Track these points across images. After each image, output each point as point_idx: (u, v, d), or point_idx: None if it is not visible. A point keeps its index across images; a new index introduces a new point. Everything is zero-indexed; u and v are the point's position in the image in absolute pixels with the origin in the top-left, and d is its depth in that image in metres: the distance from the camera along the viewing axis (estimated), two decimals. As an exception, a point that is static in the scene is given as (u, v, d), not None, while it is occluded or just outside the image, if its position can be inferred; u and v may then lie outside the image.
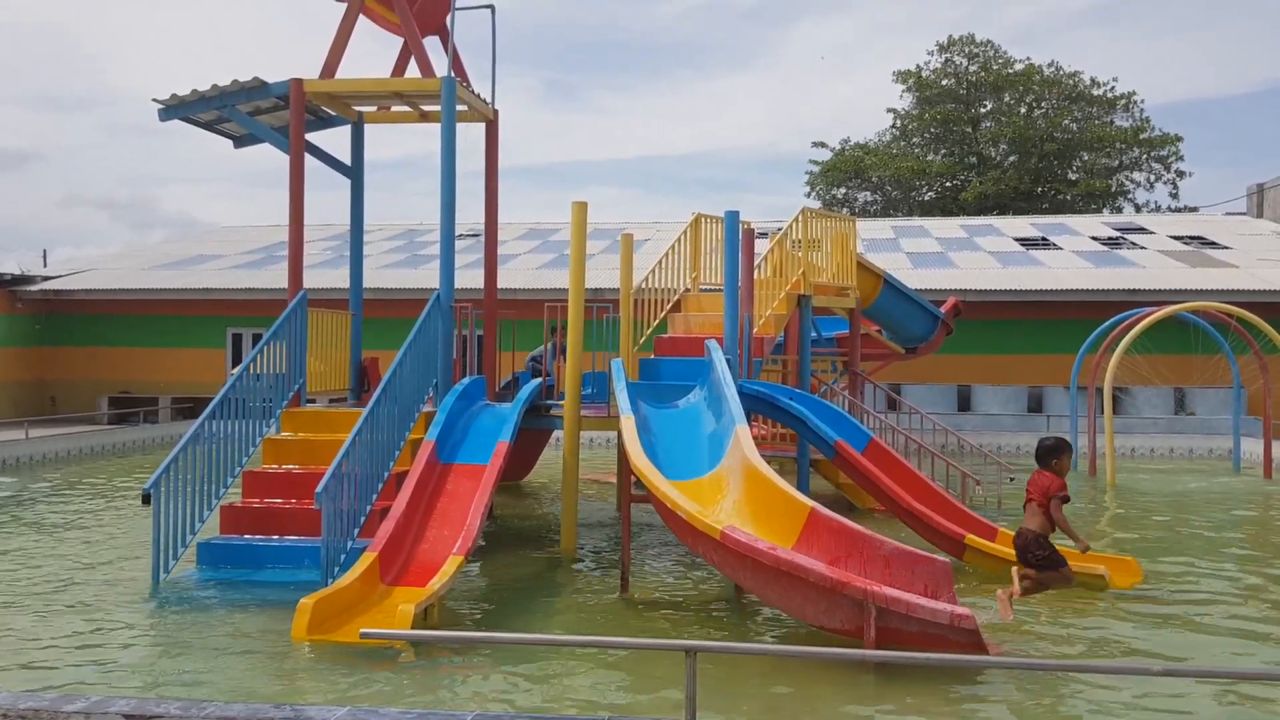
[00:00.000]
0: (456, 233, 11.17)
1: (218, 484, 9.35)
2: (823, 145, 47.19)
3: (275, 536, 9.22)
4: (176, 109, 11.30)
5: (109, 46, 74.60)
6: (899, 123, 46.93)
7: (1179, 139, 42.86)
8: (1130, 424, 20.76)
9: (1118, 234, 29.10)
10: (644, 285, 13.01)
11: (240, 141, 12.39)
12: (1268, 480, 16.09)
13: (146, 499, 8.66)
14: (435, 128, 10.95)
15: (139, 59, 75.47)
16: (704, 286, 13.75)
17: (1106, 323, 17.70)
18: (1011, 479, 14.25)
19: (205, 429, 9.25)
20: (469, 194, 71.43)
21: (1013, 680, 6.19)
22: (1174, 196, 43.92)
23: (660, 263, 13.31)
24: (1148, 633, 7.50)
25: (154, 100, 11.26)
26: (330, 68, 11.27)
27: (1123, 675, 6.18)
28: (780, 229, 13.54)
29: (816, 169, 46.63)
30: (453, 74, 11.00)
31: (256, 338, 22.02)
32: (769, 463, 8.34)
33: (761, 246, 13.60)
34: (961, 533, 9.69)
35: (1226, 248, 26.47)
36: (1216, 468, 18.08)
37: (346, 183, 12.39)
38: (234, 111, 11.19)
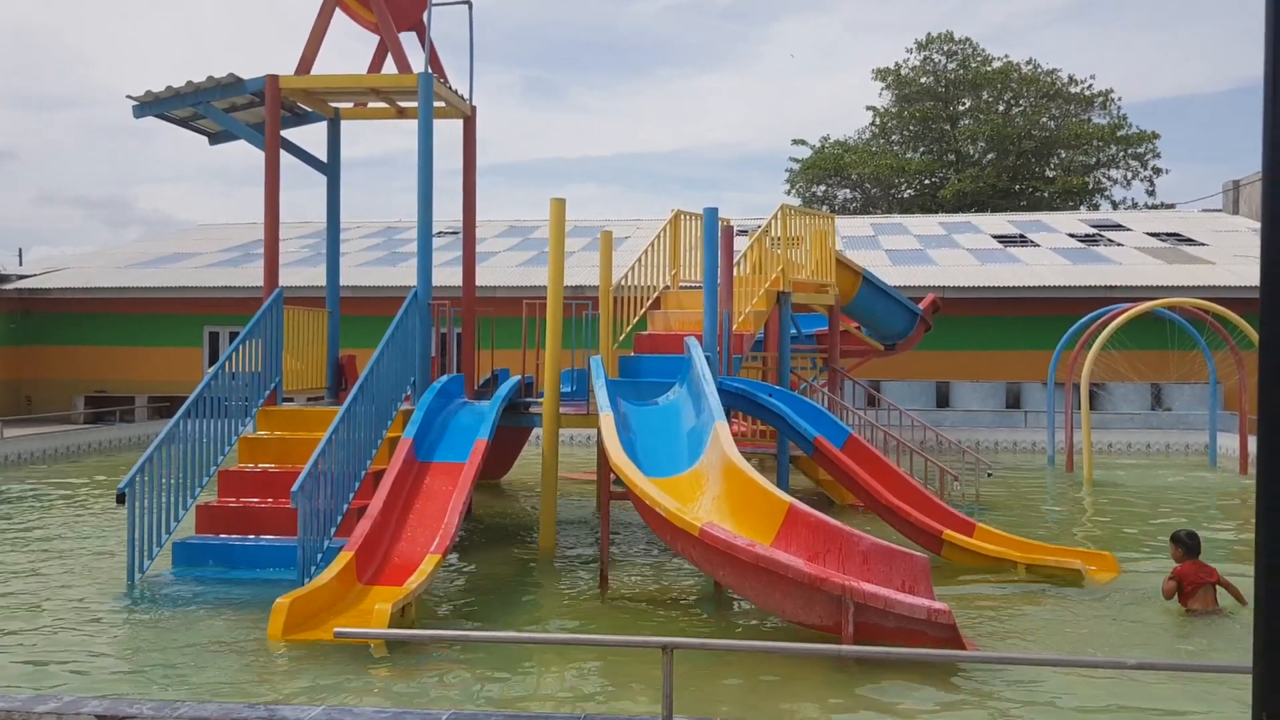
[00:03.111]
0: (435, 230, 11.13)
1: (193, 483, 9.28)
2: (802, 143, 47.30)
3: (251, 536, 9.16)
4: (151, 106, 11.20)
5: (85, 46, 74.00)
6: (878, 120, 47.05)
7: (1156, 136, 43.13)
8: (1107, 419, 20.89)
9: (1095, 231, 29.27)
10: (624, 282, 12.99)
11: (216, 138, 12.29)
12: (1243, 475, 16.21)
13: (121, 498, 8.58)
14: (414, 125, 10.89)
15: (115, 58, 74.89)
16: (684, 284, 13.74)
17: (1083, 319, 17.81)
18: (990, 474, 14.33)
19: (180, 428, 9.18)
20: (448, 192, 71.26)
21: (989, 674, 6.21)
22: (1151, 194, 44.22)
23: (640, 260, 13.29)
24: (1123, 627, 7.54)
25: (129, 97, 11.16)
26: (306, 64, 11.19)
27: (1097, 669, 6.21)
28: (760, 226, 13.55)
29: (796, 167, 46.72)
30: (429, 70, 10.95)
31: (234, 336, 21.86)
32: (748, 459, 8.34)
33: (741, 244, 13.59)
34: (939, 528, 9.72)
35: (1203, 244, 26.66)
36: (1193, 463, 18.22)
37: (324, 180, 12.31)
38: (209, 108, 11.10)
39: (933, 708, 5.73)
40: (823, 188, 46.63)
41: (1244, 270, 22.85)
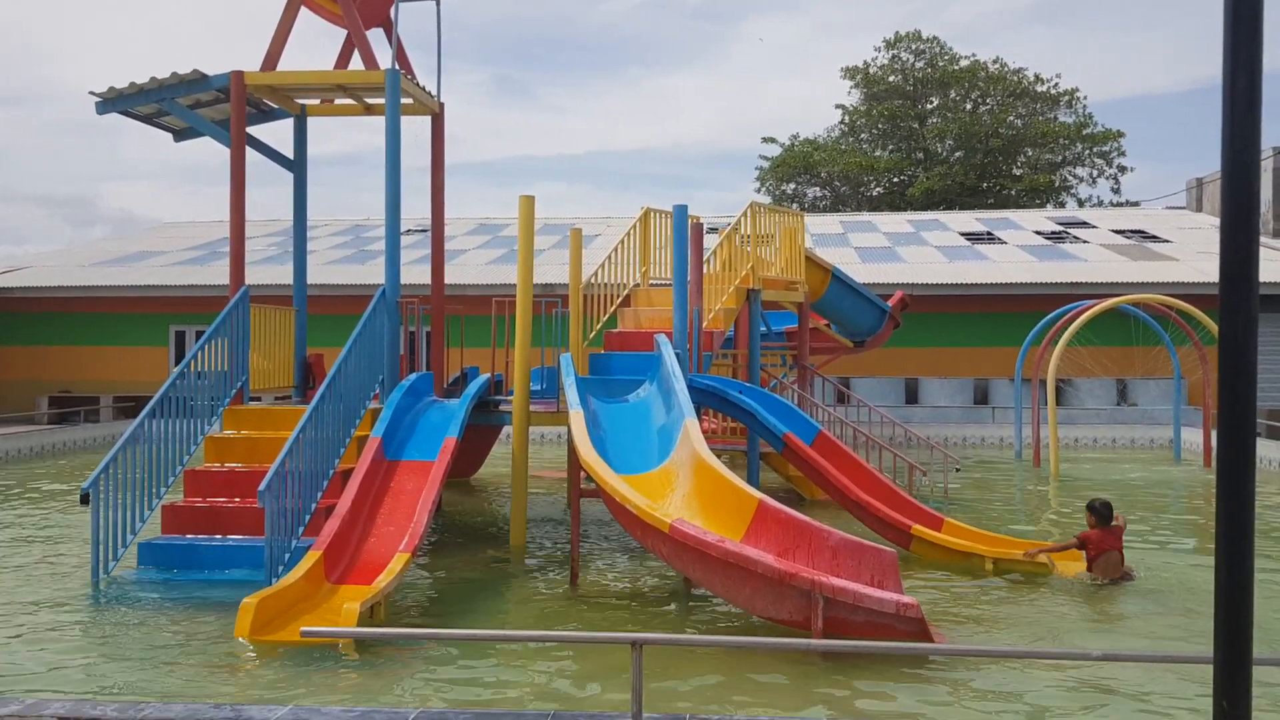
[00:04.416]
0: (405, 228, 11.08)
1: (158, 483, 9.18)
2: (772, 141, 47.43)
3: (218, 536, 9.07)
4: (114, 102, 11.06)
5: (47, 42, 73.04)
6: (847, 119, 47.28)
7: (1121, 135, 43.62)
8: (1073, 415, 21.09)
9: (1061, 228, 29.55)
10: (594, 280, 12.97)
11: (180, 135, 12.16)
12: (1207, 469, 16.41)
13: (85, 499, 8.49)
14: (382, 122, 10.81)
15: (79, 55, 73.99)
16: (654, 281, 13.74)
17: (1050, 315, 17.97)
18: (957, 469, 14.44)
19: (145, 428, 9.08)
20: (417, 189, 70.93)
21: (957, 666, 6.25)
22: (1116, 191, 44.71)
23: (610, 257, 13.28)
24: (1089, 619, 7.62)
25: (92, 93, 11.02)
26: (272, 60, 11.10)
27: (1063, 660, 6.28)
28: (730, 224, 13.57)
29: (766, 165, 46.87)
30: (396, 66, 10.89)
31: (200, 335, 21.67)
32: (719, 456, 8.36)
33: (711, 242, 13.61)
34: (908, 523, 9.78)
35: (1167, 241, 26.98)
36: (1157, 457, 18.43)
37: (291, 177, 12.21)
38: (174, 105, 10.98)
39: (901, 700, 5.76)
40: (792, 186, 46.80)
41: (1207, 267, 23.14)
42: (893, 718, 5.56)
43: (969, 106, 44.95)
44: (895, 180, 45.11)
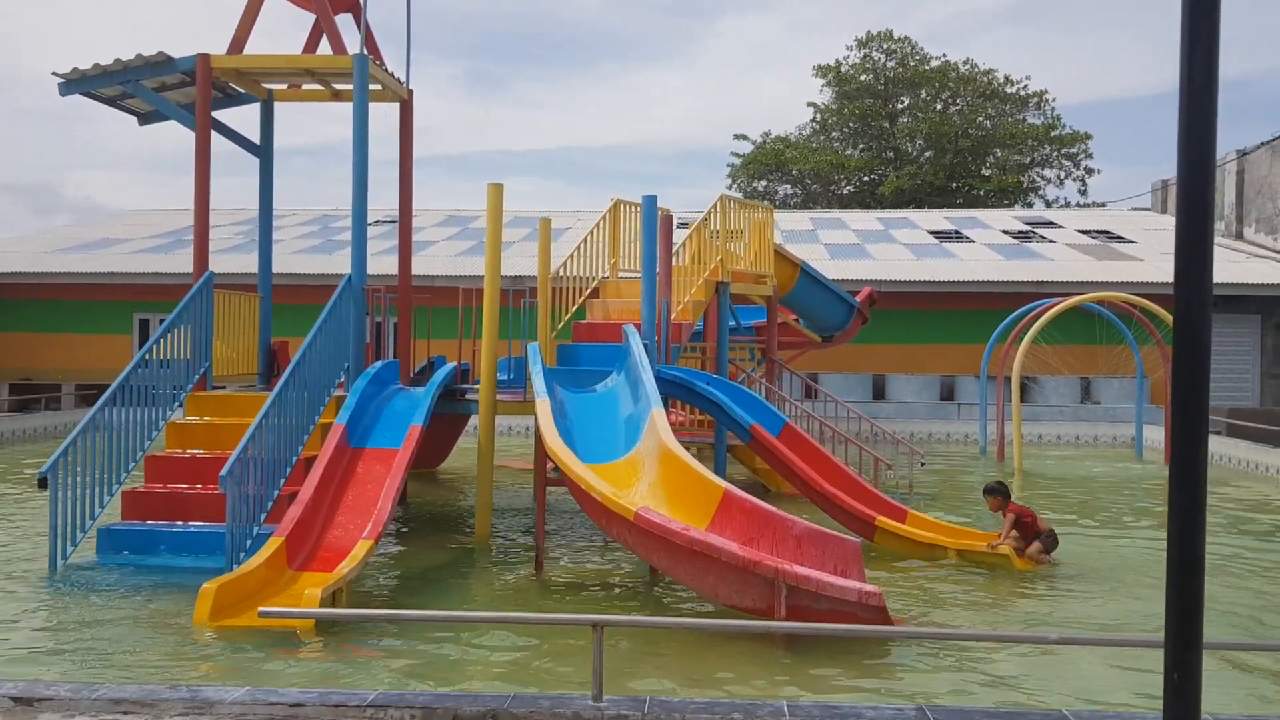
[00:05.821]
0: (373, 219, 11.00)
1: (119, 469, 9.06)
2: (744, 138, 47.50)
3: (179, 522, 8.96)
4: (78, 83, 10.90)
5: (9, 28, 71.95)
6: (819, 117, 47.44)
7: (1088, 137, 44.04)
8: (1038, 412, 21.27)
9: (1028, 228, 29.80)
10: (563, 271, 12.93)
11: (145, 118, 12.00)
12: (1168, 466, 16.59)
13: (43, 483, 8.37)
14: (351, 110, 10.70)
15: (47, 39, 72.94)
16: (623, 273, 13.72)
17: (1015, 313, 18.10)
18: (922, 464, 14.53)
19: (105, 414, 8.96)
20: (387, 182, 70.65)
21: (917, 651, 6.29)
22: (1083, 193, 45.14)
23: (579, 248, 13.24)
24: (1048, 605, 7.70)
25: (54, 74, 10.86)
26: (239, 43, 10.98)
27: (1022, 644, 6.35)
28: (700, 217, 13.57)
29: (738, 162, 46.94)
30: (365, 51, 10.80)
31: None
32: (686, 448, 8.36)
33: (682, 235, 13.61)
34: (872, 514, 9.83)
35: (1132, 241, 27.26)
36: (1120, 454, 18.62)
37: (258, 164, 12.08)
38: (139, 87, 10.84)
39: (861, 683, 5.79)
40: (764, 183, 46.89)
41: (1171, 267, 23.35)
42: (852, 700, 5.57)
43: (939, 107, 45.23)
44: (866, 179, 45.31)
